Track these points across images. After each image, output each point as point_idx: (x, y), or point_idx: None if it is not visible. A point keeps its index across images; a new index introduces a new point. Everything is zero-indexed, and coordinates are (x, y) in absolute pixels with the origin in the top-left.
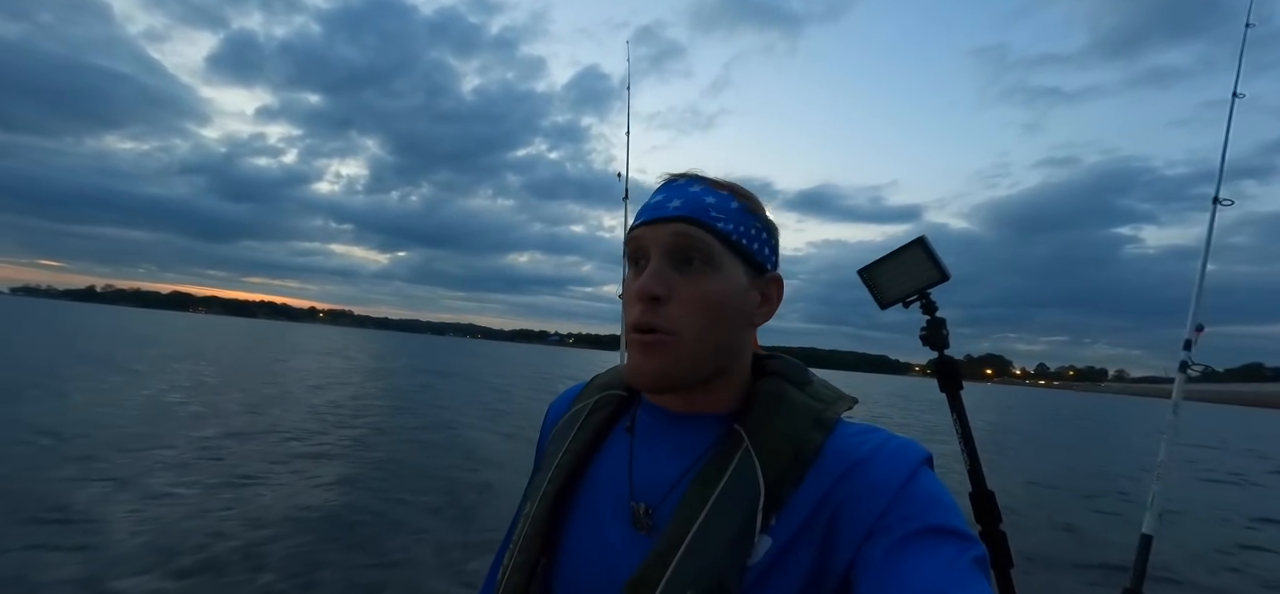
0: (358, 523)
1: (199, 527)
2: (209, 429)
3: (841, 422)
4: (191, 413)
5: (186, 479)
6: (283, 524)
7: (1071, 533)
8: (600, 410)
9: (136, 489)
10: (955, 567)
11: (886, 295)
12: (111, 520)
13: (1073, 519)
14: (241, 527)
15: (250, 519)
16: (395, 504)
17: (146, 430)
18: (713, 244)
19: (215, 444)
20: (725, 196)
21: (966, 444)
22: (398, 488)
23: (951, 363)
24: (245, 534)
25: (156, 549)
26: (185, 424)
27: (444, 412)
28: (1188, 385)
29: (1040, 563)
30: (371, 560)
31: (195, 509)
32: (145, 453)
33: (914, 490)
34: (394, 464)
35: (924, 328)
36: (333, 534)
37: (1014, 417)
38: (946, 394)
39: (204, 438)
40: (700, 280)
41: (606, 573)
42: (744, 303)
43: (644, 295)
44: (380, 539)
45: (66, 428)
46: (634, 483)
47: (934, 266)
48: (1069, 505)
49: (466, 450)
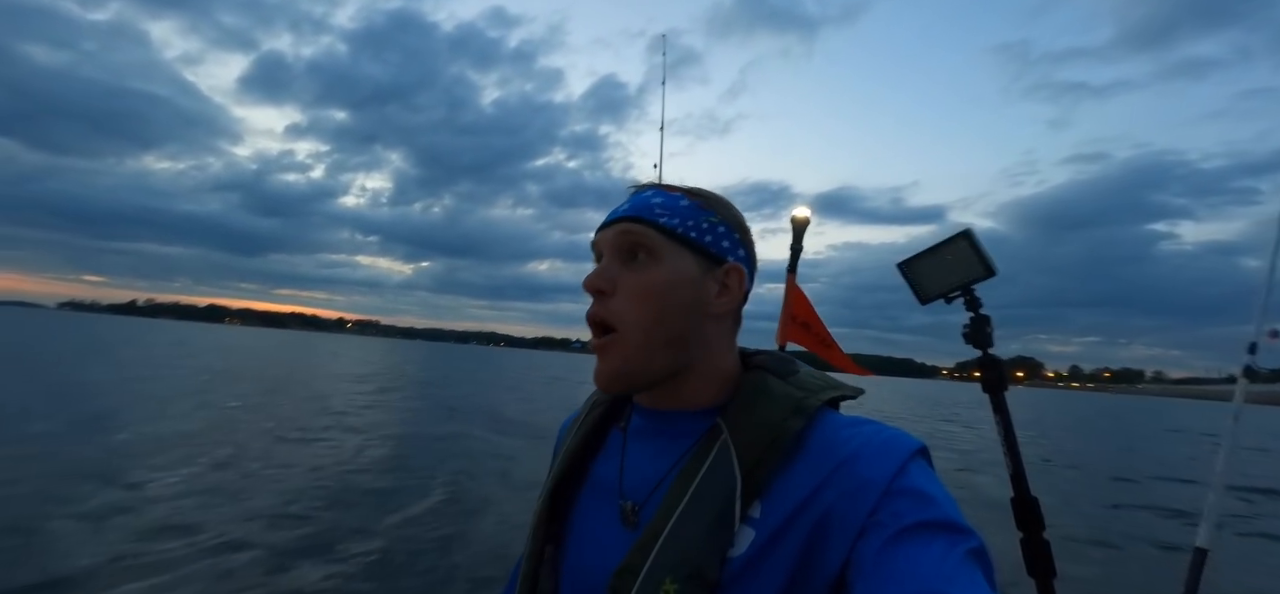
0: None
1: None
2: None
3: (830, 412)
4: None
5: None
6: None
7: (1113, 546)
8: (597, 409)
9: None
10: (948, 561)
11: (927, 290)
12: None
13: (1116, 529)
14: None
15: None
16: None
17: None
18: (654, 237)
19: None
20: (674, 197)
21: (1010, 448)
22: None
23: (997, 363)
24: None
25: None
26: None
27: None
28: (1252, 388)
29: (1083, 577)
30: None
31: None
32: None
33: (904, 485)
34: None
35: (967, 325)
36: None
37: (1047, 421)
38: (990, 396)
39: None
40: (642, 272)
41: (601, 566)
42: (696, 292)
43: (590, 289)
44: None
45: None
46: (624, 482)
47: (979, 261)
48: (1112, 515)
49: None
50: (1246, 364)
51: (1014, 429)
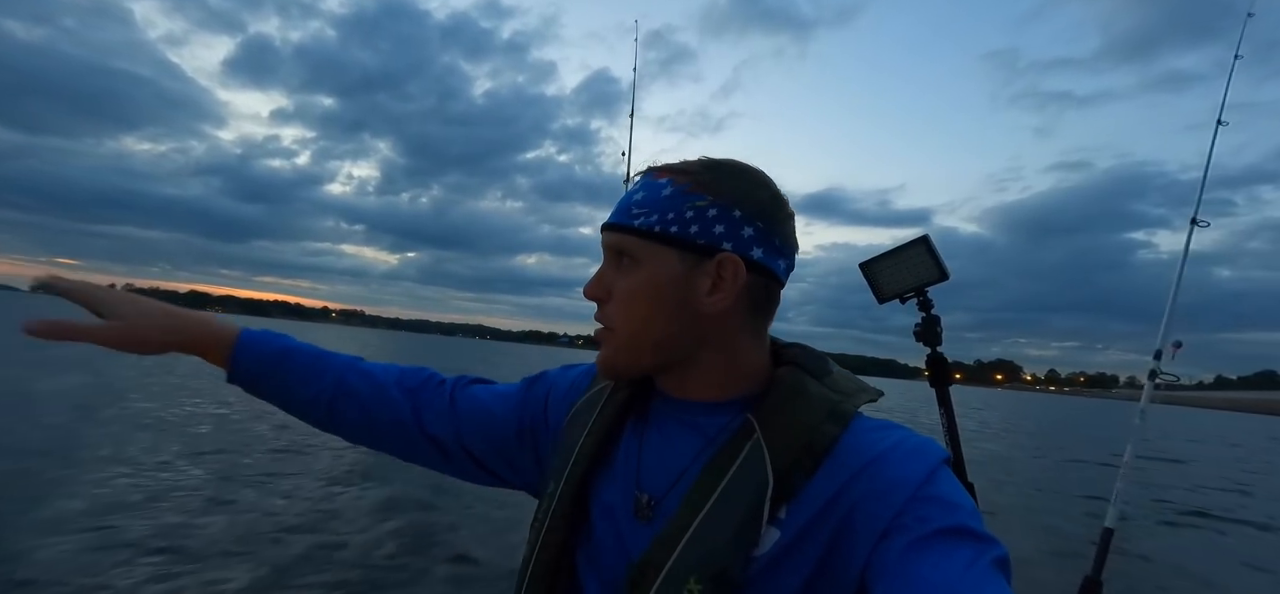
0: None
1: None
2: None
3: (859, 416)
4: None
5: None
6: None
7: (1043, 529)
8: (619, 393)
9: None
10: (974, 568)
11: (885, 290)
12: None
13: (1046, 515)
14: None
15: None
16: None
17: None
18: (633, 243)
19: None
20: (658, 186)
21: (952, 439)
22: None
23: (942, 360)
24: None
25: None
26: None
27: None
28: (1167, 392)
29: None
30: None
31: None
32: None
33: (932, 491)
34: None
35: (918, 325)
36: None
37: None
38: (936, 389)
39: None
40: (626, 277)
41: (620, 558)
42: (683, 291)
43: (587, 297)
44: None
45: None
46: (640, 473)
47: (935, 265)
48: (1043, 501)
49: None
50: (1151, 369)
51: (956, 421)
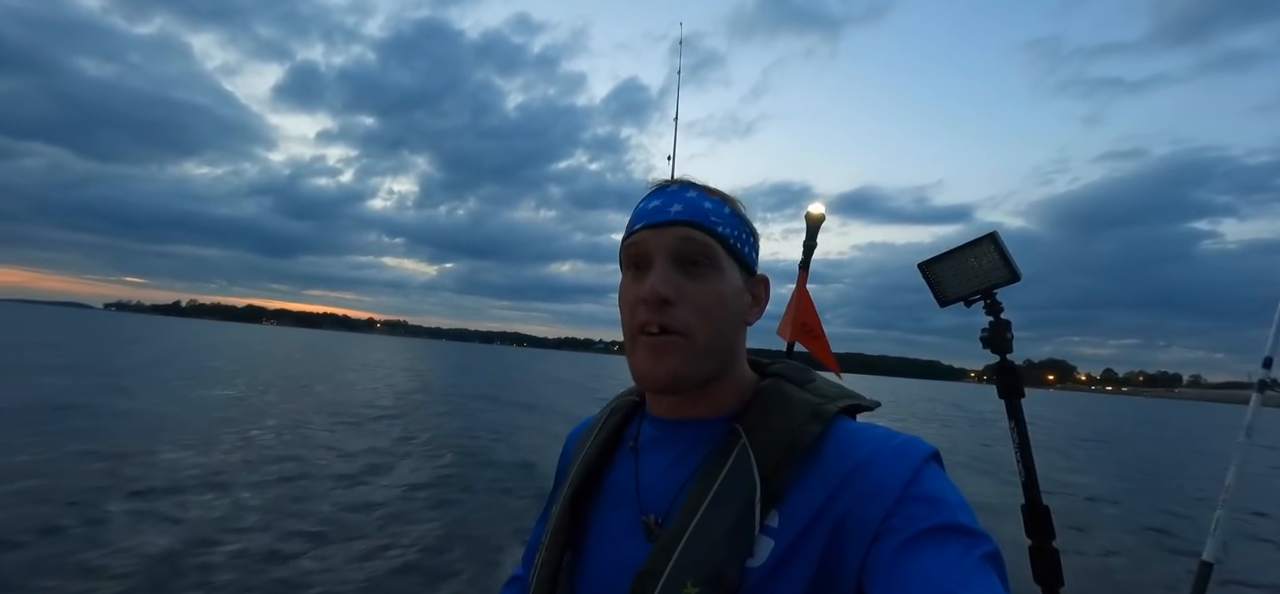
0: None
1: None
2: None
3: (844, 420)
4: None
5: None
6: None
7: (1125, 554)
8: (615, 416)
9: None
10: (962, 564)
11: (947, 292)
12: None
13: (1127, 539)
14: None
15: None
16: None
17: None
18: (715, 247)
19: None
20: (718, 202)
21: (1024, 455)
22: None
23: (1013, 369)
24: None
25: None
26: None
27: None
28: (1266, 408)
29: (1089, 591)
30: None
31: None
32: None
33: (918, 490)
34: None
35: (985, 330)
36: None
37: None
38: (1005, 401)
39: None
40: (706, 282)
41: (620, 572)
42: (740, 304)
43: (654, 298)
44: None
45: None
46: (641, 496)
47: (1004, 265)
48: (1124, 524)
49: None
50: (1260, 377)
51: (1028, 436)
